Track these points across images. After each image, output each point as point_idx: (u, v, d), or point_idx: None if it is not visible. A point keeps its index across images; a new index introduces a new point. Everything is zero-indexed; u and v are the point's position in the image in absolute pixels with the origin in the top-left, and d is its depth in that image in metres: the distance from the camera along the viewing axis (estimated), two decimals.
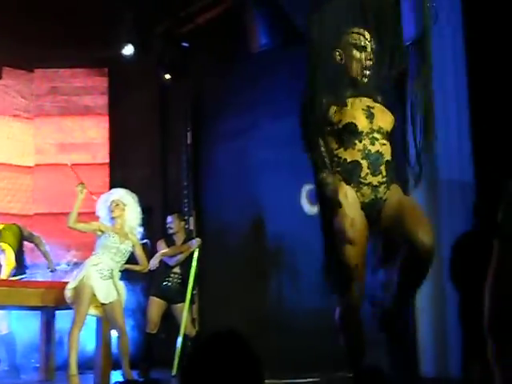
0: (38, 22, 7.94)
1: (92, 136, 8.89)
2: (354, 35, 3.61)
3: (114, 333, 6.24)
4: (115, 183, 7.79)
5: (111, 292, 6.02)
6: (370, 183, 3.48)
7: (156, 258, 6.91)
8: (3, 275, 6.97)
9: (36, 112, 8.91)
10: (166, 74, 8.22)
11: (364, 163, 3.47)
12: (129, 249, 6.20)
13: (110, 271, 6.02)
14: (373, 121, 3.51)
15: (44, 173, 8.69)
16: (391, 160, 3.53)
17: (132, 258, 6.35)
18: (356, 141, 3.48)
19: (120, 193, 6.33)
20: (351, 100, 3.53)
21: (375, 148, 3.49)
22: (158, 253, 7.02)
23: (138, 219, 6.31)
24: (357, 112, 3.49)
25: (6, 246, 7.05)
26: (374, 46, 3.60)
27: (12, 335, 6.89)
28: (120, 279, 6.17)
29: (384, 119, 3.55)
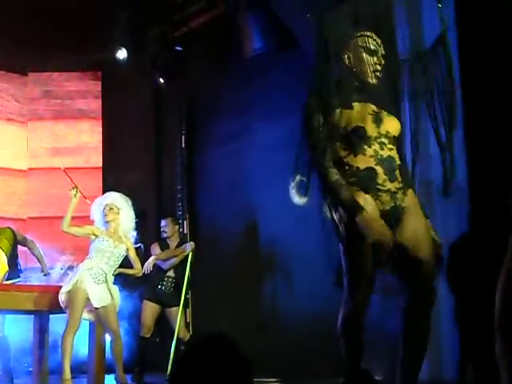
0: (32, 26, 7.92)
1: (86, 140, 8.88)
2: (364, 38, 3.45)
3: (108, 337, 6.23)
4: (109, 187, 7.77)
5: (105, 296, 6.01)
6: (389, 190, 3.31)
7: (150, 262, 6.91)
8: None
9: (30, 116, 8.89)
10: (160, 78, 8.22)
11: (379, 169, 3.30)
12: (123, 253, 6.19)
13: (104, 275, 6.01)
14: (380, 125, 3.37)
15: (38, 176, 8.67)
16: (401, 164, 3.41)
17: (126, 262, 6.35)
18: (365, 146, 3.32)
19: (114, 196, 6.33)
20: (358, 104, 3.39)
21: (386, 153, 3.34)
22: (152, 257, 7.01)
23: (132, 223, 6.30)
24: (364, 116, 3.35)
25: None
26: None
27: (5, 339, 6.86)
28: (117, 285, 6.16)
29: (391, 124, 3.42)
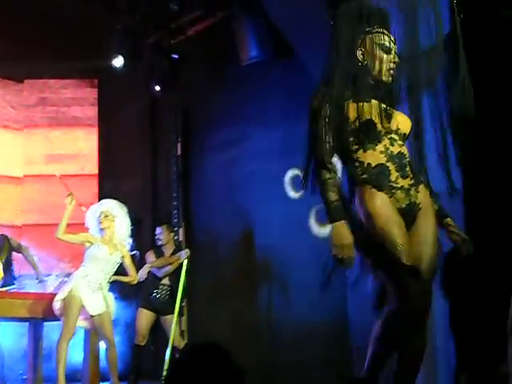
0: (28, 33, 7.93)
1: (81, 147, 8.88)
2: (380, 35, 3.34)
3: (103, 345, 6.22)
4: (104, 194, 7.78)
5: (100, 304, 6.00)
6: (402, 187, 3.19)
7: (144, 270, 6.89)
8: None
9: (25, 123, 8.89)
10: (157, 85, 8.23)
11: (391, 166, 3.18)
12: (118, 260, 6.19)
13: (99, 283, 6.00)
14: (391, 121, 3.25)
15: (33, 183, 8.66)
16: (411, 160, 3.29)
17: (121, 270, 6.34)
18: (375, 141, 3.21)
19: (109, 204, 6.33)
20: (369, 100, 3.25)
21: (396, 149, 3.23)
22: (147, 264, 7.00)
23: (128, 230, 6.30)
24: (375, 110, 3.23)
25: None
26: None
27: (0, 347, 6.85)
28: (113, 294, 6.17)
29: (402, 121, 3.30)
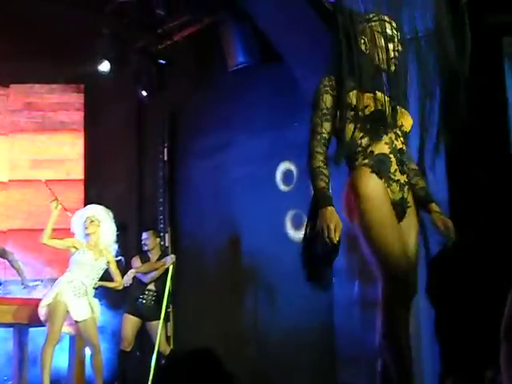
0: (14, 37, 7.89)
1: (67, 152, 8.83)
2: (381, 23, 3.26)
3: (88, 350, 6.20)
4: (90, 199, 7.75)
5: (85, 309, 5.99)
6: (399, 181, 3.17)
7: (129, 275, 6.87)
8: None
9: (11, 128, 8.83)
10: (143, 91, 8.21)
11: (392, 158, 3.16)
12: (103, 266, 6.18)
13: (84, 288, 5.99)
14: (396, 116, 3.20)
15: (18, 188, 8.60)
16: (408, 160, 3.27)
17: (107, 275, 6.32)
18: (382, 132, 3.16)
19: (95, 209, 6.33)
20: (376, 91, 3.18)
21: (399, 144, 3.20)
22: (132, 269, 6.98)
23: (113, 236, 6.30)
24: (382, 103, 3.16)
25: None
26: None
27: None
28: (101, 301, 6.15)
29: (405, 118, 3.25)
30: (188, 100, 8.21)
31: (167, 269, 7.05)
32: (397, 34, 3.25)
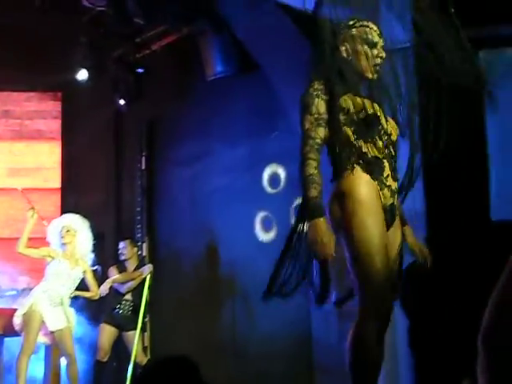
0: None
1: (44, 160, 8.79)
2: (364, 29, 3.15)
3: (64, 360, 6.16)
4: (67, 208, 7.71)
5: (61, 319, 5.95)
6: (390, 187, 3.06)
7: (106, 285, 6.84)
8: None
9: None
10: (121, 99, 8.20)
11: (386, 163, 3.06)
12: (79, 275, 6.14)
13: (60, 298, 5.95)
14: (387, 122, 3.11)
15: None
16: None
17: (83, 285, 6.29)
18: (376, 136, 3.05)
19: (71, 218, 6.30)
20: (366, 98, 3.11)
21: (391, 152, 3.10)
22: (109, 279, 6.95)
23: (89, 245, 6.27)
24: (376, 108, 3.07)
25: None
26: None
27: None
28: (79, 313, 6.12)
29: (393, 126, 3.15)
30: (166, 109, 8.20)
31: (144, 278, 7.02)
32: (380, 40, 3.16)
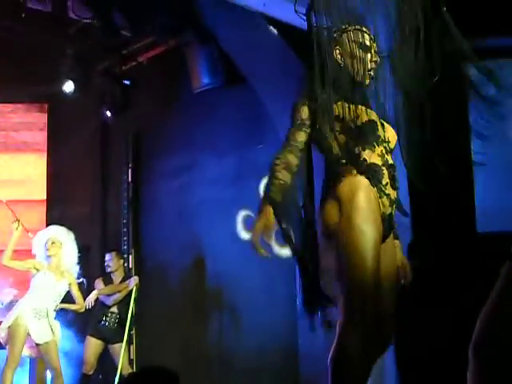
0: None
1: (30, 172, 8.76)
2: (358, 32, 3.07)
3: (49, 374, 6.12)
4: (53, 220, 7.68)
5: (46, 332, 5.91)
6: (389, 196, 2.96)
7: (91, 297, 6.80)
8: None
9: None
10: (107, 111, 8.20)
11: (384, 170, 2.96)
12: (65, 288, 6.12)
13: (46, 310, 5.92)
14: (384, 129, 3.02)
15: None
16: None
17: (68, 297, 6.26)
18: (375, 143, 2.97)
19: (56, 230, 6.27)
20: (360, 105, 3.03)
21: (390, 159, 3.01)
22: (94, 291, 6.92)
23: (75, 258, 6.25)
24: (373, 114, 3.00)
25: None
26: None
27: None
28: (62, 324, 6.08)
29: (391, 133, 3.07)
30: (152, 121, 8.20)
31: (130, 291, 7.00)
32: (373, 45, 3.09)
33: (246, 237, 6.95)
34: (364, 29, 3.09)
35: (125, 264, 7.66)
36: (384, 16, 3.09)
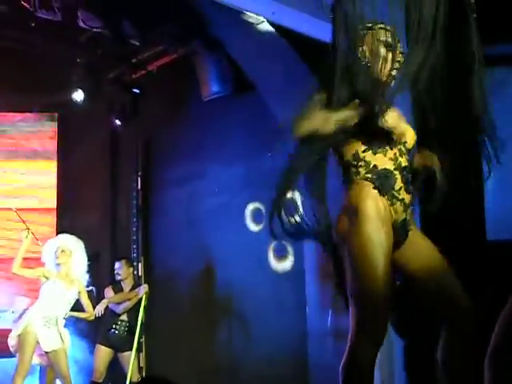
0: None
1: (40, 181, 8.80)
2: (382, 31, 3.01)
3: (59, 382, 6.12)
4: (63, 228, 7.70)
5: (55, 340, 5.92)
6: (403, 200, 2.94)
7: (102, 305, 6.81)
8: None
9: None
10: (117, 120, 8.22)
11: (397, 174, 2.93)
12: (74, 296, 6.12)
13: (55, 318, 5.92)
14: (403, 129, 2.97)
15: None
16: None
17: (78, 306, 6.27)
18: (387, 147, 2.95)
19: (66, 239, 6.29)
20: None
21: (404, 162, 2.98)
22: (104, 299, 6.92)
23: (84, 266, 6.25)
24: (388, 116, 2.89)
25: None
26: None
27: None
28: (72, 331, 6.09)
29: (409, 134, 3.02)
30: (162, 129, 8.22)
31: (140, 299, 7.00)
32: (398, 45, 3.02)
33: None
34: (388, 27, 3.03)
35: (134, 272, 7.67)
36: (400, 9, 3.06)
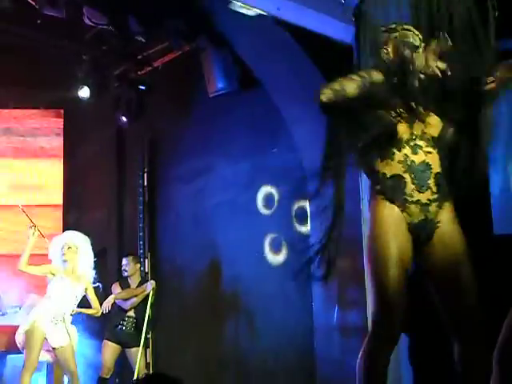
0: None
1: (46, 177, 8.82)
2: (406, 32, 3.05)
3: (66, 378, 6.15)
4: (69, 225, 7.72)
5: (63, 336, 5.94)
6: (419, 201, 2.97)
7: (109, 301, 6.83)
8: None
9: None
10: (123, 116, 8.22)
11: (407, 177, 2.97)
12: (81, 292, 6.14)
13: (62, 315, 5.94)
14: (413, 125, 3.00)
15: None
16: (441, 171, 3.02)
17: (85, 302, 6.29)
18: (394, 150, 2.99)
19: (72, 236, 6.30)
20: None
21: (419, 158, 2.98)
22: (111, 296, 6.94)
23: (91, 262, 6.26)
24: (395, 115, 2.99)
25: None
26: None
27: None
28: (79, 327, 6.10)
29: (429, 122, 3.03)
30: (168, 126, 8.23)
31: (147, 295, 7.01)
32: (421, 45, 3.05)
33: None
34: (412, 28, 3.07)
35: (141, 268, 7.68)
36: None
